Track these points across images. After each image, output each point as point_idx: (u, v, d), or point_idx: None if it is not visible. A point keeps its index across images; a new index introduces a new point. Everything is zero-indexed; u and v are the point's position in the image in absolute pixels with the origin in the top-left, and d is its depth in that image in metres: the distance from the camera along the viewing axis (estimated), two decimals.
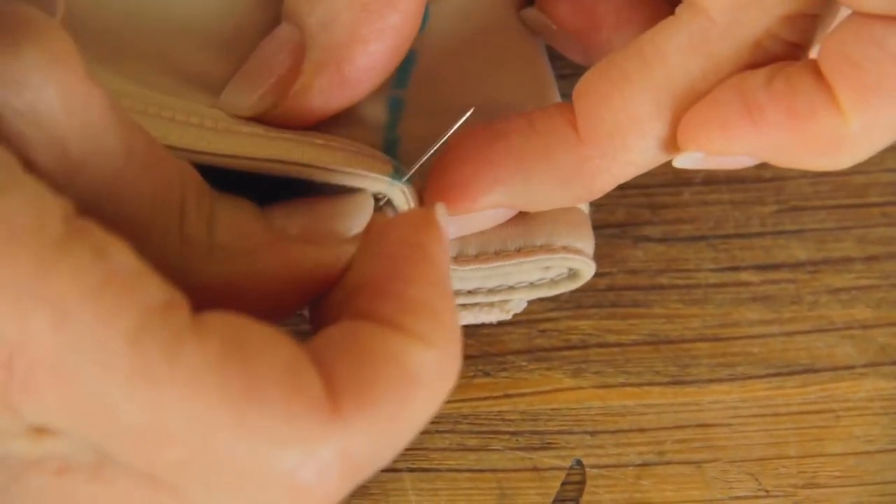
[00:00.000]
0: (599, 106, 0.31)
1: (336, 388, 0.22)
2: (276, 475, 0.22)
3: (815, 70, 0.28)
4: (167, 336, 0.21)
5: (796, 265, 0.37)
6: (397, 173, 0.32)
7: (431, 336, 0.24)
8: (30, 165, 0.23)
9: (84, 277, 0.21)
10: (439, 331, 0.24)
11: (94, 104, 0.24)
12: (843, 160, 0.29)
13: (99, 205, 0.24)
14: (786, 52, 0.29)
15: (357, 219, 0.30)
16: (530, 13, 0.36)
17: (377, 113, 0.35)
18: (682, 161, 0.31)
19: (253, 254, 0.27)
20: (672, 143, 0.30)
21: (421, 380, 0.23)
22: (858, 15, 0.28)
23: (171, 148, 0.29)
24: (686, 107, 0.30)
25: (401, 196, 0.31)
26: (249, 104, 0.32)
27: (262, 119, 0.32)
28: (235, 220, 0.27)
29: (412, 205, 0.32)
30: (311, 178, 0.31)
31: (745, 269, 0.37)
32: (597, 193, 0.32)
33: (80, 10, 0.33)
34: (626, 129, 0.30)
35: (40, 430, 0.22)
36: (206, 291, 0.26)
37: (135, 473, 0.22)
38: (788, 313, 0.37)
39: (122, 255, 0.22)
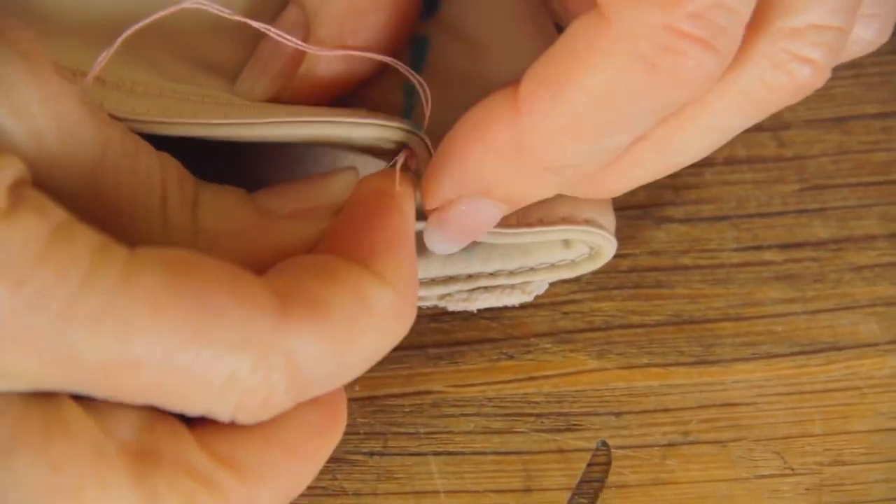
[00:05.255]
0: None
1: (289, 299, 0.24)
2: (231, 379, 0.23)
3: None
4: (117, 271, 0.22)
5: (819, 243, 0.37)
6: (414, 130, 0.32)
7: (389, 276, 0.25)
8: None
9: (33, 241, 0.22)
10: (397, 273, 0.26)
11: (68, 97, 0.25)
12: (536, 175, 0.28)
13: (79, 194, 0.25)
14: None
15: (344, 194, 0.30)
16: (550, 1, 0.36)
17: (393, 99, 0.35)
18: (431, 242, 0.31)
19: (238, 235, 0.28)
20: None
21: (373, 311, 0.25)
22: None
23: (183, 124, 0.30)
24: None
25: (421, 144, 0.31)
26: (262, 89, 0.33)
27: (276, 100, 0.33)
28: (220, 203, 0.28)
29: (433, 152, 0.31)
30: (331, 135, 0.31)
31: (768, 248, 0.37)
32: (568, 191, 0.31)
33: None
34: None
35: None
36: None
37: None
38: (812, 292, 0.37)
39: (57, 209, 0.23)
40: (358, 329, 0.24)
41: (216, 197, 0.28)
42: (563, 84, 0.25)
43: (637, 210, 0.37)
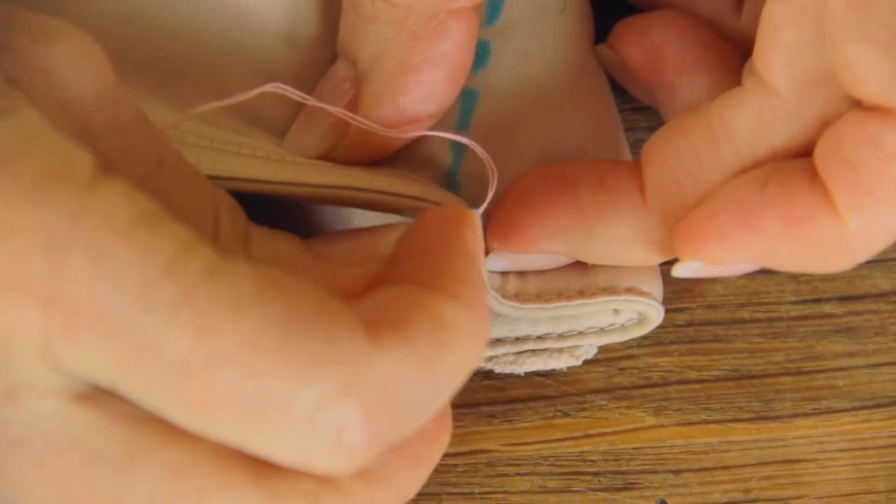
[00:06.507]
0: (667, 179, 0.30)
1: (373, 324, 0.23)
2: (320, 405, 0.21)
3: (811, 171, 0.28)
4: (201, 266, 0.21)
5: (880, 295, 0.37)
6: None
7: (462, 295, 0.24)
8: None
9: (117, 216, 0.21)
10: (469, 291, 0.25)
11: (122, 104, 0.24)
12: (844, 263, 0.29)
13: None
14: None
15: None
16: (602, 50, 0.35)
17: (441, 154, 0.34)
18: (681, 271, 0.31)
19: (290, 271, 0.27)
20: None
21: (452, 328, 0.24)
22: (855, 112, 0.27)
23: (234, 180, 0.29)
24: None
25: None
26: (312, 144, 0.32)
27: (326, 159, 0.32)
28: (272, 240, 0.27)
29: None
30: (378, 204, 0.31)
31: (828, 300, 0.37)
32: (656, 260, 0.32)
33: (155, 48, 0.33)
34: (691, 205, 0.30)
35: (77, 398, 0.22)
36: None
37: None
38: (873, 345, 0.36)
39: (146, 200, 0.22)
40: (442, 347, 0.23)
41: (268, 235, 0.27)
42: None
43: None
